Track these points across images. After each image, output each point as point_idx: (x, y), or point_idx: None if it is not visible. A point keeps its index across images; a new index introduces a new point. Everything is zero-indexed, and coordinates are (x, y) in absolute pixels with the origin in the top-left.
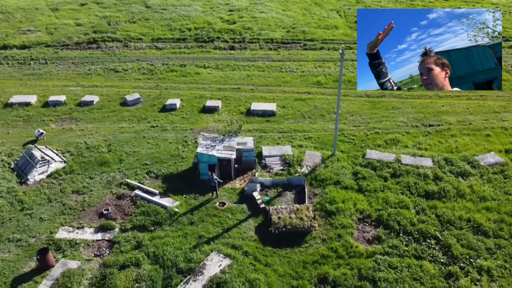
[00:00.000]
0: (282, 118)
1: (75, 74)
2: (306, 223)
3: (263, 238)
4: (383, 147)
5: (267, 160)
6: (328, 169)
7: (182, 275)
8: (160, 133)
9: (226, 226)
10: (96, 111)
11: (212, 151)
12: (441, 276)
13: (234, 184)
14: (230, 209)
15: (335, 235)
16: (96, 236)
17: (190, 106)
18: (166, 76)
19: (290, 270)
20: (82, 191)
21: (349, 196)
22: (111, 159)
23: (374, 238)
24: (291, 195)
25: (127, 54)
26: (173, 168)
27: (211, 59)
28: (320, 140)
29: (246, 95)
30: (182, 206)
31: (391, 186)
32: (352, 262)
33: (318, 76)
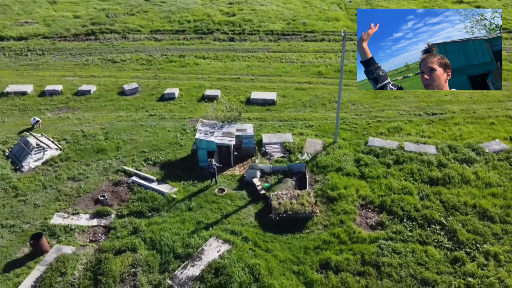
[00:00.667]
0: (283, 107)
1: (73, 64)
2: (307, 208)
3: (263, 224)
4: (385, 135)
5: (267, 148)
6: (329, 156)
7: (180, 260)
8: (158, 122)
9: (225, 212)
10: (93, 100)
11: (211, 137)
12: (446, 261)
13: (234, 171)
14: (229, 196)
15: (337, 221)
16: (91, 222)
17: (189, 96)
18: (165, 67)
19: (291, 255)
20: (78, 178)
21: (351, 183)
22: (108, 146)
23: (377, 224)
24: (291, 181)
25: (126, 46)
26: (171, 155)
27: (210, 50)
28: (321, 128)
29: (246, 85)
30: (180, 193)
31: (394, 173)
32: (354, 248)
33: (319, 66)
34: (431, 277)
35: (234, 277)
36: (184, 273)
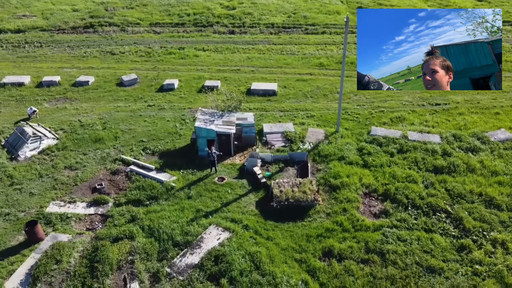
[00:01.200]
0: (284, 98)
1: (71, 56)
2: (309, 196)
3: (264, 212)
4: (388, 124)
5: (268, 137)
6: (331, 145)
7: (179, 248)
8: (157, 112)
9: (225, 201)
10: (91, 91)
11: (211, 126)
12: (453, 248)
13: (234, 160)
14: (230, 184)
15: (340, 209)
16: (88, 211)
17: (189, 87)
18: (164, 59)
19: (293, 243)
20: (75, 167)
21: (354, 171)
22: (106, 136)
23: (381, 212)
24: (293, 170)
25: (124, 38)
26: (170, 145)
27: (210, 42)
28: (323, 118)
29: (246, 76)
30: (179, 181)
31: (398, 162)
32: (358, 236)
33: (320, 58)
34: (437, 265)
35: (235, 265)
36: (183, 261)
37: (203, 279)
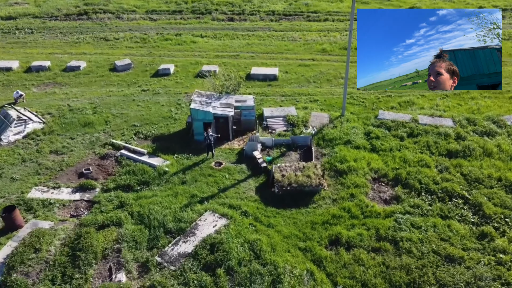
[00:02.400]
0: (285, 83)
1: (63, 42)
2: (314, 181)
3: (265, 198)
4: (396, 109)
5: (268, 121)
6: (337, 129)
7: (171, 236)
8: (152, 97)
9: (223, 186)
10: (82, 76)
11: (208, 108)
12: (472, 236)
13: (232, 145)
14: (228, 169)
15: (348, 195)
16: (73, 196)
17: (185, 72)
18: (160, 45)
19: (296, 231)
20: (61, 151)
21: (362, 155)
22: (96, 120)
23: (392, 198)
24: (295, 155)
25: (119, 25)
26: (164, 129)
27: (208, 29)
28: (327, 102)
29: (245, 61)
30: (173, 166)
31: (409, 146)
32: (368, 222)
33: (323, 44)
34: (457, 253)
35: (232, 254)
36: (175, 250)
37: (197, 269)
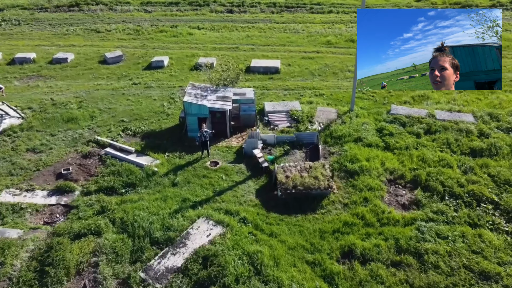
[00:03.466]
0: (288, 76)
1: (51, 34)
2: (322, 183)
3: (267, 202)
4: (410, 103)
5: (270, 117)
6: (346, 125)
7: (158, 247)
8: (143, 91)
9: (219, 189)
10: (69, 69)
11: (203, 101)
12: (508, 248)
13: (230, 142)
14: (224, 169)
15: (360, 199)
16: (49, 200)
17: (180, 64)
18: (155, 36)
19: (303, 241)
20: (39, 149)
21: (375, 154)
22: (81, 115)
23: (411, 203)
24: (301, 154)
25: (112, 17)
26: (155, 125)
27: (206, 21)
28: (333, 97)
29: (245, 54)
30: (163, 166)
31: (427, 143)
32: (385, 231)
33: (327, 36)
34: (493, 269)
35: (229, 268)
36: (162, 264)
37: (187, 286)
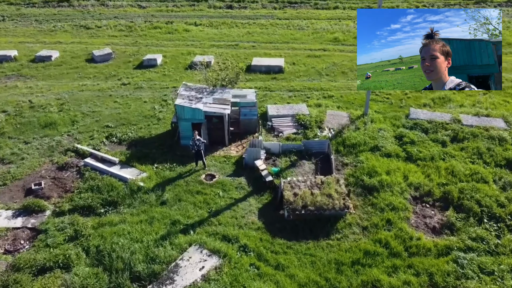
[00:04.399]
0: (293, 75)
1: (37, 31)
2: (337, 202)
3: (271, 225)
4: (430, 106)
5: (274, 122)
6: (360, 131)
7: (139, 284)
8: (133, 92)
9: (215, 208)
10: (53, 68)
11: (197, 104)
12: None
13: (229, 152)
14: (222, 184)
15: (383, 221)
16: (13, 222)
17: (175, 63)
18: (148, 33)
19: (315, 275)
20: (9, 160)
21: (396, 166)
22: (60, 120)
23: (442, 226)
24: (310, 165)
25: (104, 12)
26: (144, 131)
27: (204, 17)
28: (344, 99)
29: (246, 52)
30: (151, 180)
31: (454, 153)
32: (416, 263)
33: (334, 33)
34: None
35: None
36: None
37: None
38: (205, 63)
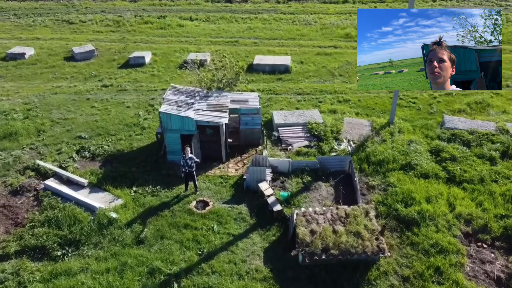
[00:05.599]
0: (301, 76)
1: (14, 26)
2: (368, 243)
3: (282, 273)
4: (466, 113)
5: (281, 132)
6: (387, 144)
7: None
8: (115, 95)
9: (208, 248)
10: (26, 67)
11: (187, 112)
12: None
13: (226, 170)
14: (217, 214)
15: (429, 270)
16: None
17: (166, 61)
18: (138, 29)
19: None
20: None
21: (437, 191)
22: (24, 129)
23: (510, 276)
24: (327, 188)
25: (90, 6)
26: (124, 143)
27: (200, 11)
28: (362, 104)
29: (247, 49)
30: (126, 209)
31: (509, 173)
32: None
33: (346, 28)
34: None
35: None
36: None
37: None
38: (198, 61)
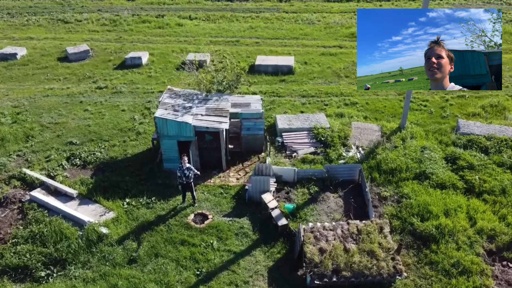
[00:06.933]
0: (305, 77)
1: (7, 25)
2: (383, 263)
3: None
4: (481, 116)
5: (285, 137)
6: (399, 151)
7: None
8: (109, 97)
9: (207, 268)
10: (17, 68)
11: (185, 117)
12: None
13: (227, 179)
14: (217, 229)
15: None
16: None
17: (163, 62)
18: (135, 28)
19: None
20: None
21: (455, 203)
22: (11, 134)
23: None
24: (336, 200)
25: (87, 5)
26: (118, 150)
27: (200, 10)
28: (370, 107)
29: (248, 49)
30: (118, 223)
31: None
32: None
33: (351, 27)
34: None
35: None
36: None
37: None
38: (196, 62)
